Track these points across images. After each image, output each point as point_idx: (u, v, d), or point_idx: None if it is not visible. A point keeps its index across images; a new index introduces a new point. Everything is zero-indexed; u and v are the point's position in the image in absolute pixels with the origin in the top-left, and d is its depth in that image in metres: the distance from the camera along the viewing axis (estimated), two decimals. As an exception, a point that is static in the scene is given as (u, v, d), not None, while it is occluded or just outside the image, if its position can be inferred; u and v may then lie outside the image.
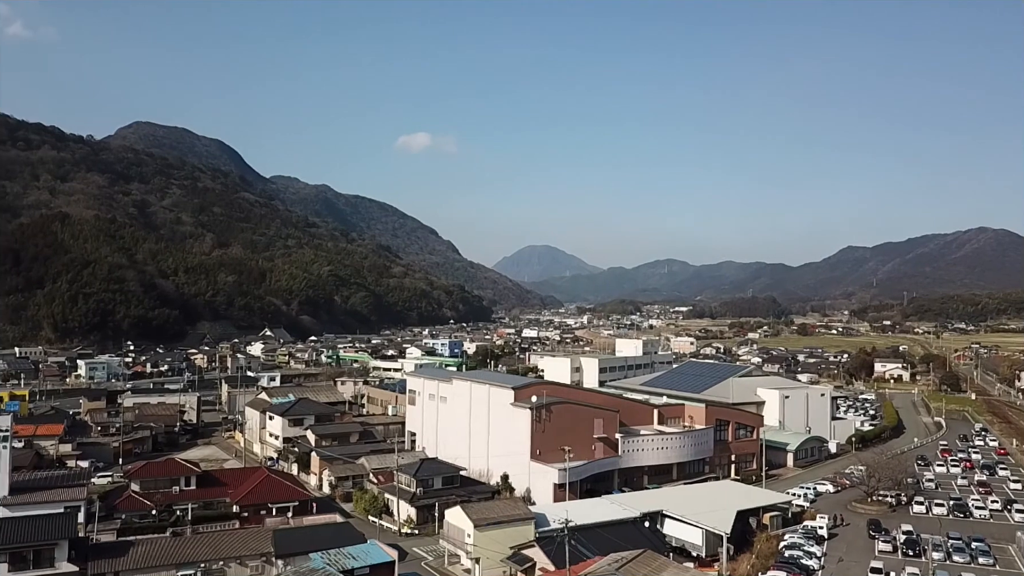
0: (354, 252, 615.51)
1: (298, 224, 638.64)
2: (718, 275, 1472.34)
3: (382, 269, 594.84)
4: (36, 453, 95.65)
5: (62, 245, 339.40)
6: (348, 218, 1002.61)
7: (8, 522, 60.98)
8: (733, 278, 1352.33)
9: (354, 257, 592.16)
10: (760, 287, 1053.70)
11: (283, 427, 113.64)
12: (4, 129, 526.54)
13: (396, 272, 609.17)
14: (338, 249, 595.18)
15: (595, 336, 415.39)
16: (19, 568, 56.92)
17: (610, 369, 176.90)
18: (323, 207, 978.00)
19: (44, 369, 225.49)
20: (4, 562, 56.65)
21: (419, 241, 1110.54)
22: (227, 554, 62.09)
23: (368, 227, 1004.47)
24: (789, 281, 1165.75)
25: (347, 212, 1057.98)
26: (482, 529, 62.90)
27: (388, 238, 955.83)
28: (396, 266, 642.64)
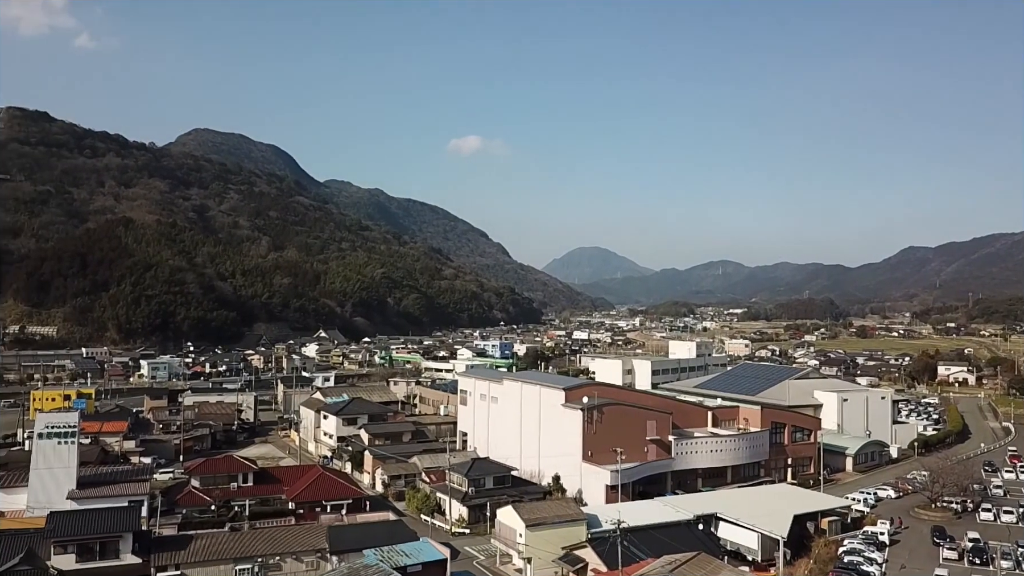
0: (406, 255, 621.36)
1: (351, 227, 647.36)
2: (773, 276, 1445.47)
3: (433, 271, 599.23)
4: (102, 449, 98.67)
5: (126, 249, 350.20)
6: (400, 221, 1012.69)
7: (76, 515, 63.12)
8: (789, 279, 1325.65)
9: (406, 260, 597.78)
10: (817, 289, 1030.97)
11: (337, 426, 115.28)
12: (72, 137, 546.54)
13: (447, 274, 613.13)
14: (390, 252, 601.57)
15: (647, 338, 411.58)
16: (86, 559, 58.85)
17: (663, 371, 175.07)
18: (376, 210, 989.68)
19: (109, 369, 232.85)
20: (73, 553, 58.67)
21: (470, 243, 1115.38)
22: (283, 549, 63.22)
23: (420, 230, 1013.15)
24: (847, 283, 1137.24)
25: (399, 215, 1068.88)
26: (534, 529, 62.75)
27: (439, 241, 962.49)
28: (447, 268, 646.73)
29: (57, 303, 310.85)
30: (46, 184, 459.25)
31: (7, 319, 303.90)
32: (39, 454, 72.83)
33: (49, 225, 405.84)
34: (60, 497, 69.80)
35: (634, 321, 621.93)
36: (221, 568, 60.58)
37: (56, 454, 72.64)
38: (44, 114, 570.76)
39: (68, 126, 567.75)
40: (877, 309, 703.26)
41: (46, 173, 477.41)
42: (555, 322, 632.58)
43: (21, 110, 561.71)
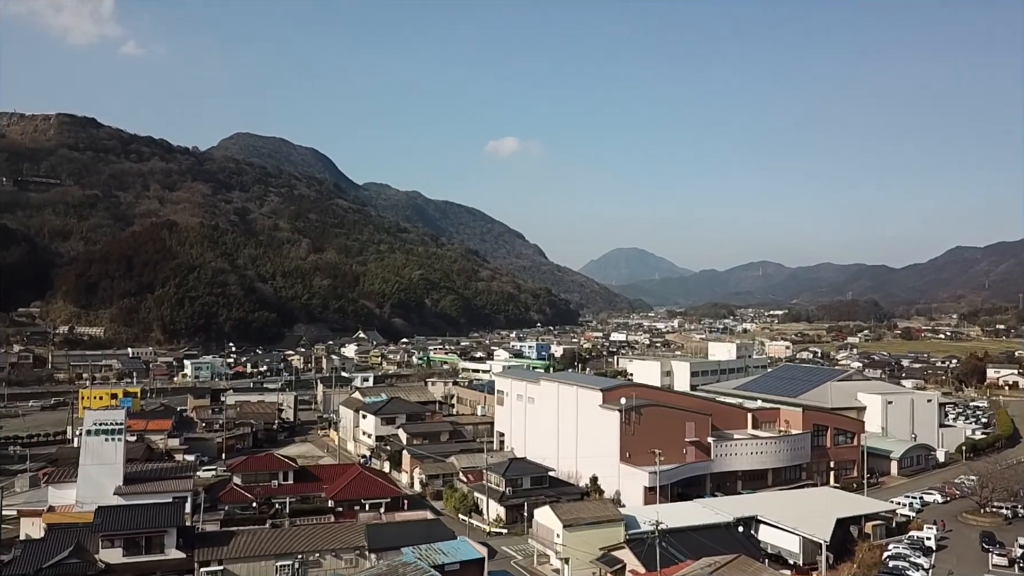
0: (443, 256, 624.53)
1: (390, 229, 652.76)
2: (815, 277, 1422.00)
3: (470, 273, 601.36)
4: (147, 447, 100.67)
5: (170, 251, 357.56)
6: (437, 223, 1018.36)
7: (123, 510, 64.54)
8: (831, 280, 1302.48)
9: (443, 261, 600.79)
10: (860, 290, 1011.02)
11: (376, 426, 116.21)
12: (118, 143, 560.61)
13: (484, 276, 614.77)
14: (428, 254, 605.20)
15: (686, 340, 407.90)
16: (133, 553, 60.12)
17: (702, 373, 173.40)
18: (413, 213, 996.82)
19: (154, 368, 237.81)
20: (120, 547, 59.99)
21: (506, 245, 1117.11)
22: (323, 547, 63.86)
23: (457, 232, 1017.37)
24: (892, 283, 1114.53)
25: (436, 217, 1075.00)
26: (571, 529, 62.56)
27: (476, 242, 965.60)
28: (484, 270, 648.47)
29: (104, 304, 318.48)
30: (94, 188, 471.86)
31: (57, 320, 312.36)
32: (87, 450, 74.56)
33: (97, 228, 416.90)
34: (107, 493, 71.34)
35: (673, 323, 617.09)
36: (262, 564, 61.39)
37: (104, 451, 74.28)
38: (92, 120, 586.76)
39: (115, 132, 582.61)
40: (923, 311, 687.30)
41: (94, 178, 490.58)
42: (592, 323, 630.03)
43: (70, 116, 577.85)
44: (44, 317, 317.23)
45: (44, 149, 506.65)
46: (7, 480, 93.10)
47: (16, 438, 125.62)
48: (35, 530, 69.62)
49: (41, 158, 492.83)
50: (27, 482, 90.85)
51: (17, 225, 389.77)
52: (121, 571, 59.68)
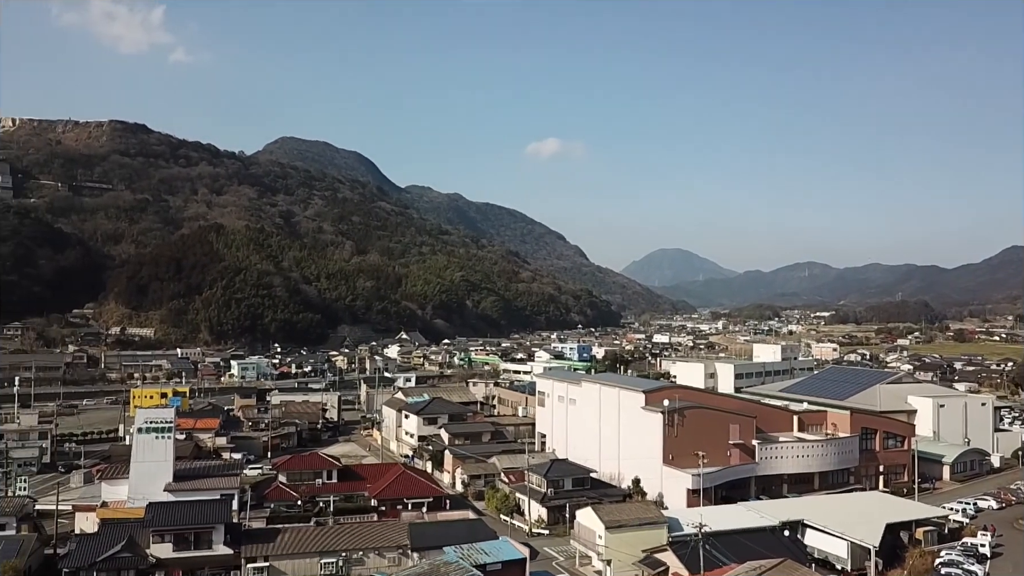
0: (484, 258, 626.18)
1: (431, 231, 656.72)
2: (863, 278, 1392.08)
3: (511, 274, 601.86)
4: (195, 445, 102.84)
5: (217, 254, 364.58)
6: (478, 225, 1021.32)
7: (173, 506, 66.03)
8: (880, 281, 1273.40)
9: (484, 263, 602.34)
10: (910, 291, 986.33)
11: (418, 426, 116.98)
12: (167, 148, 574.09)
13: (524, 277, 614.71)
14: (469, 255, 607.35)
15: (730, 342, 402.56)
16: (182, 548, 61.46)
17: (746, 375, 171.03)
18: (455, 215, 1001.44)
19: (202, 369, 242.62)
20: (170, 542, 61.37)
21: (547, 246, 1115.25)
22: (366, 545, 64.57)
23: (497, 233, 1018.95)
24: (943, 284, 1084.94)
25: (477, 219, 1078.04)
26: (613, 531, 62.24)
27: (517, 244, 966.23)
28: (524, 271, 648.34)
29: (155, 306, 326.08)
30: (144, 193, 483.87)
31: (110, 321, 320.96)
32: (139, 448, 76.43)
33: (147, 232, 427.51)
34: (158, 489, 73.02)
35: (717, 324, 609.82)
36: (307, 561, 62.31)
37: (154, 448, 76.08)
38: (143, 126, 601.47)
39: (164, 137, 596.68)
40: (977, 312, 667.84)
41: (144, 182, 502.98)
42: (634, 325, 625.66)
43: (122, 123, 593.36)
44: (97, 318, 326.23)
45: (97, 155, 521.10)
46: (63, 476, 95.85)
47: (71, 435, 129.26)
48: (89, 525, 71.56)
49: (94, 164, 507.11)
50: (82, 478, 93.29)
51: (72, 229, 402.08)
52: (171, 566, 61.02)
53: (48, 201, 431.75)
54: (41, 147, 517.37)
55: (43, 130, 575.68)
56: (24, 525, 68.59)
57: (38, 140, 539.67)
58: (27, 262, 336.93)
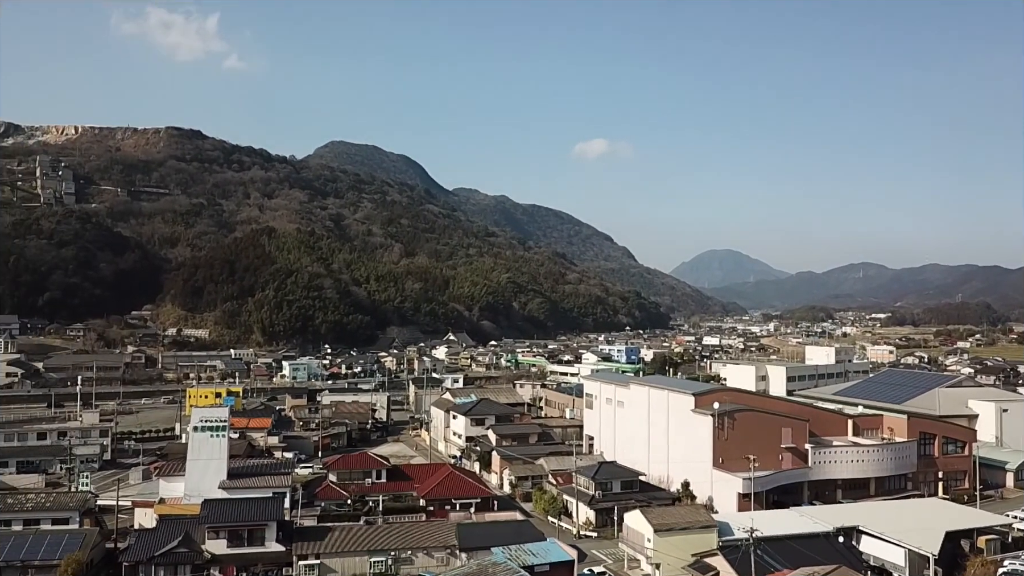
0: (531, 260, 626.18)
1: (478, 234, 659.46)
2: (921, 279, 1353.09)
3: (558, 276, 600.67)
4: (249, 444, 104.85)
5: (269, 256, 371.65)
6: (525, 227, 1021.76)
7: (227, 503, 67.47)
8: (939, 282, 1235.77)
9: (531, 264, 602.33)
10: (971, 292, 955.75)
11: (466, 426, 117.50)
12: (221, 153, 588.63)
13: (571, 279, 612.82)
14: (516, 257, 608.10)
15: (782, 344, 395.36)
16: (236, 544, 62.78)
17: (799, 378, 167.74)
18: (501, 217, 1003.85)
19: (254, 369, 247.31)
20: (224, 538, 62.72)
21: (594, 248, 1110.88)
22: (415, 544, 65.10)
23: (544, 235, 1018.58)
24: (1006, 285, 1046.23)
25: (524, 221, 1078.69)
26: (662, 534, 61.64)
27: (563, 245, 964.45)
28: (571, 273, 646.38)
29: (209, 307, 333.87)
30: (199, 197, 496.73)
31: (166, 322, 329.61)
32: (194, 446, 78.32)
33: (202, 235, 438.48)
34: (212, 486, 74.69)
35: (768, 326, 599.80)
36: (357, 559, 63.08)
37: (209, 446, 77.88)
38: (198, 132, 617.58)
39: (218, 143, 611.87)
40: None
41: (199, 187, 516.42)
42: (684, 327, 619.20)
43: (178, 129, 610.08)
44: (155, 320, 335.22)
45: (154, 161, 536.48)
46: (122, 472, 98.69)
47: (130, 433, 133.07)
48: (148, 520, 73.47)
49: (152, 169, 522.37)
50: (140, 475, 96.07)
51: (131, 233, 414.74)
52: (225, 561, 62.37)
53: (108, 206, 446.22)
54: (102, 154, 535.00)
55: (104, 137, 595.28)
56: (87, 519, 70.75)
57: (99, 147, 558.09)
58: (89, 265, 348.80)
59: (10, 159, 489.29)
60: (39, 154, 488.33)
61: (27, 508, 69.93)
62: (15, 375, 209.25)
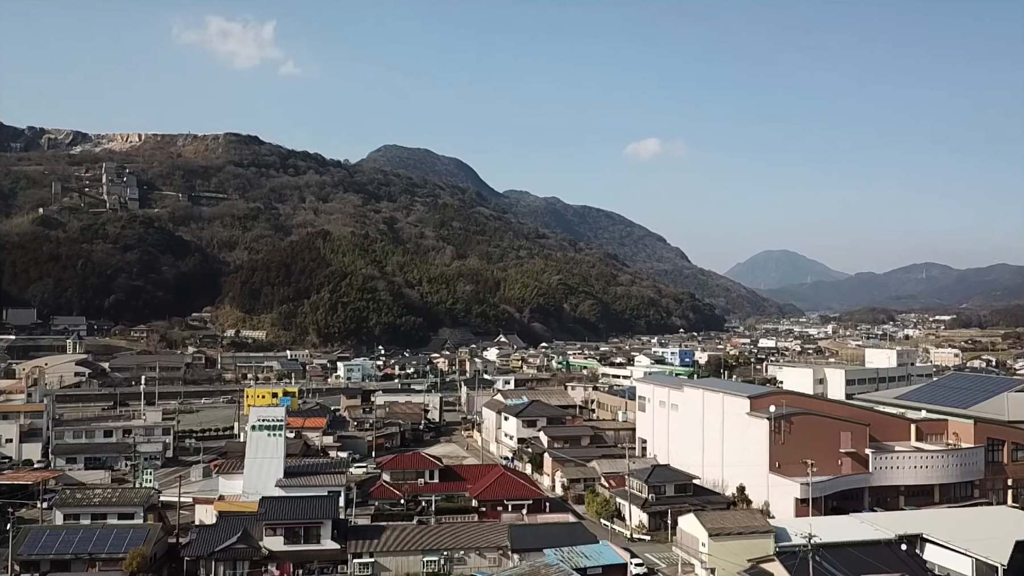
0: (582, 261, 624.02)
1: (529, 236, 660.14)
2: (988, 280, 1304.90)
3: (609, 277, 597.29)
4: (304, 443, 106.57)
5: (324, 259, 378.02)
6: (576, 228, 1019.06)
7: (284, 501, 68.74)
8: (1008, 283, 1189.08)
9: (582, 266, 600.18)
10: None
11: (517, 428, 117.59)
12: (278, 158, 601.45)
13: (623, 280, 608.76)
14: (567, 259, 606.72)
15: (841, 347, 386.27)
16: (292, 542, 63.92)
17: (858, 381, 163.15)
18: (552, 218, 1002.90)
19: (310, 370, 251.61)
20: (281, 535, 63.92)
21: (647, 249, 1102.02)
22: (467, 545, 65.38)
23: (595, 236, 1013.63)
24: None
25: (575, 222, 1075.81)
26: (717, 539, 60.74)
27: (615, 246, 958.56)
28: (623, 274, 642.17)
29: (266, 309, 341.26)
30: (256, 201, 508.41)
31: (225, 324, 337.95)
32: (252, 444, 79.99)
33: (259, 238, 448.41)
34: (269, 484, 76.15)
35: (826, 328, 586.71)
36: (410, 559, 63.63)
37: (266, 445, 79.45)
38: (255, 138, 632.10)
39: (275, 148, 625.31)
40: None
41: (256, 191, 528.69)
42: (739, 329, 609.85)
43: (236, 135, 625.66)
44: (214, 321, 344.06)
45: (213, 166, 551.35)
46: (184, 470, 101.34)
47: (191, 432, 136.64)
48: (208, 516, 75.29)
49: (211, 174, 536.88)
50: (201, 472, 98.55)
51: (191, 237, 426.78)
52: (282, 558, 63.56)
53: (170, 211, 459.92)
54: (164, 160, 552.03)
55: (166, 144, 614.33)
56: (150, 515, 72.80)
57: (161, 153, 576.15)
58: (152, 269, 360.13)
59: (78, 166, 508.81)
60: (105, 161, 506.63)
61: (95, 503, 72.30)
62: (83, 375, 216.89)
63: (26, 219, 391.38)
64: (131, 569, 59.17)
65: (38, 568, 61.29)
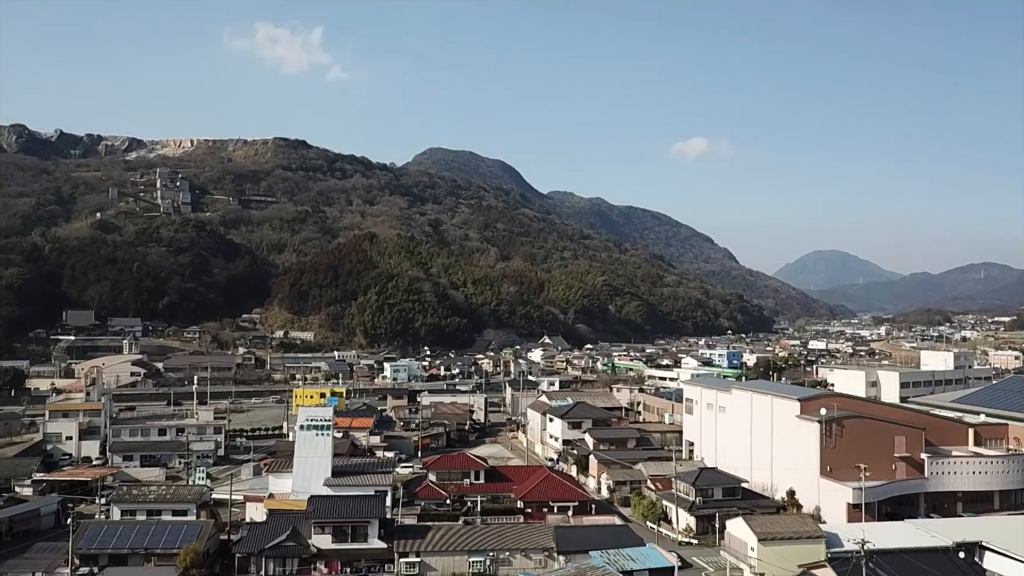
0: (627, 262, 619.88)
1: (573, 236, 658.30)
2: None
3: (655, 278, 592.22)
4: (351, 443, 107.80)
5: (371, 261, 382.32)
6: (621, 229, 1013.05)
7: (332, 499, 69.65)
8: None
9: (627, 267, 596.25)
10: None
11: (562, 429, 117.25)
12: (325, 162, 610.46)
13: (670, 281, 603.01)
14: (611, 259, 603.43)
15: (895, 349, 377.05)
16: (340, 540, 64.70)
17: (913, 384, 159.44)
18: (597, 219, 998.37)
19: (357, 371, 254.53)
20: (329, 534, 64.74)
21: (693, 249, 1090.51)
22: (513, 546, 65.40)
23: (641, 237, 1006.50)
24: None
25: (620, 223, 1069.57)
26: (767, 543, 59.63)
27: (661, 247, 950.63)
28: (670, 275, 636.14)
29: (314, 311, 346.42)
30: (304, 204, 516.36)
31: (274, 325, 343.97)
32: (301, 444, 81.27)
33: (307, 241, 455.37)
34: (318, 483, 77.24)
35: (879, 330, 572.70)
36: (456, 559, 63.90)
37: (315, 444, 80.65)
38: (303, 142, 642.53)
39: (322, 151, 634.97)
40: None
41: (304, 195, 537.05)
42: (788, 331, 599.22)
43: (284, 140, 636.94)
44: (263, 322, 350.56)
45: (263, 170, 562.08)
46: (235, 468, 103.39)
47: (241, 431, 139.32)
48: (258, 514, 76.75)
49: (260, 178, 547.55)
50: (251, 471, 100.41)
51: (241, 240, 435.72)
52: (330, 556, 64.40)
53: (221, 214, 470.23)
54: (215, 165, 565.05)
55: (216, 149, 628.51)
56: (203, 511, 74.47)
57: (212, 158, 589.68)
58: (203, 271, 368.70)
59: (134, 172, 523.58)
60: (159, 167, 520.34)
61: (150, 499, 74.25)
62: (138, 375, 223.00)
63: (85, 223, 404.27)
64: (184, 564, 60.55)
65: (97, 561, 63.12)
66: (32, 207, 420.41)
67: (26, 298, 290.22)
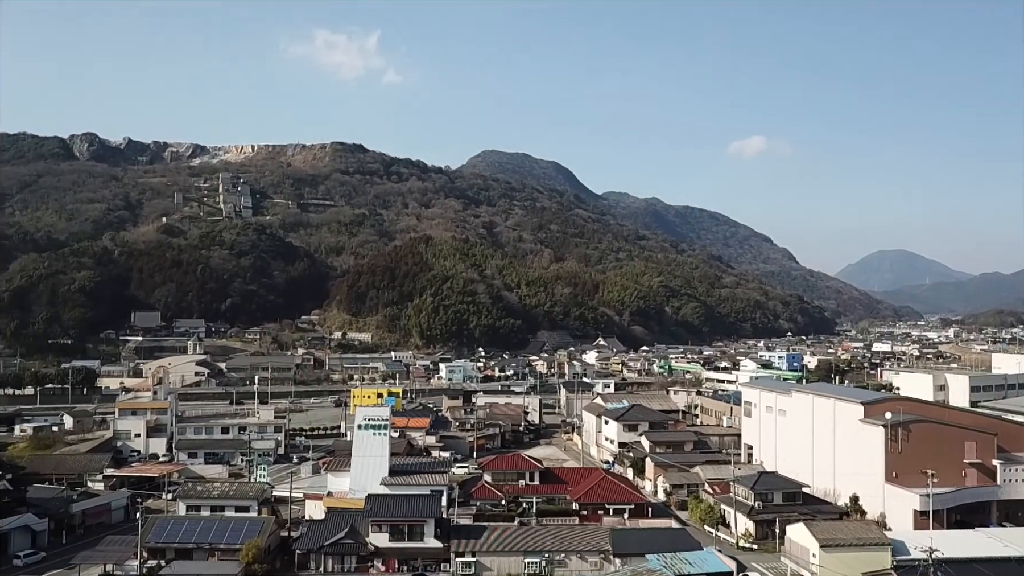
0: (684, 263, 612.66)
1: (628, 237, 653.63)
2: None
3: (713, 279, 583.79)
4: (408, 443, 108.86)
5: (426, 263, 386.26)
6: (677, 229, 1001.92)
7: (389, 499, 70.53)
8: None
9: (684, 268, 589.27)
10: None
11: (618, 432, 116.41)
12: (381, 165, 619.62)
13: (728, 282, 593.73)
14: (668, 260, 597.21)
15: (964, 351, 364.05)
16: (397, 539, 65.49)
17: (984, 388, 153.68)
18: (652, 219, 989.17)
19: (413, 371, 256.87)
20: (386, 532, 65.57)
21: (752, 249, 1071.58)
22: (568, 547, 65.21)
23: (698, 237, 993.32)
24: None
25: (676, 223, 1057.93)
26: (829, 550, 58.34)
27: (719, 247, 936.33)
28: (728, 276, 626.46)
29: (371, 312, 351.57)
30: (361, 208, 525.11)
31: (332, 326, 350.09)
32: (359, 443, 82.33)
33: (364, 244, 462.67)
34: (375, 482, 78.14)
35: (947, 332, 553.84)
36: (511, 559, 63.97)
37: (372, 444, 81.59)
38: (359, 146, 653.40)
39: (378, 155, 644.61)
40: None
41: (361, 198, 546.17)
42: (851, 333, 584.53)
43: (342, 144, 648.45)
44: (322, 323, 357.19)
45: (321, 174, 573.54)
46: (295, 466, 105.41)
47: (301, 430, 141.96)
48: (317, 512, 78.10)
49: (318, 182, 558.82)
50: (310, 469, 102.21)
51: (300, 243, 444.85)
52: (387, 554, 65.20)
53: (280, 218, 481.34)
54: (275, 170, 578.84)
55: (276, 154, 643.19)
56: (264, 508, 76.16)
57: (272, 163, 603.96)
58: (264, 273, 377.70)
59: (197, 177, 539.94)
60: (221, 172, 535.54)
61: (214, 496, 76.30)
62: (202, 374, 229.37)
63: (152, 228, 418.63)
64: (247, 560, 62.02)
65: (164, 555, 65.13)
66: (102, 212, 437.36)
67: (97, 300, 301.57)
